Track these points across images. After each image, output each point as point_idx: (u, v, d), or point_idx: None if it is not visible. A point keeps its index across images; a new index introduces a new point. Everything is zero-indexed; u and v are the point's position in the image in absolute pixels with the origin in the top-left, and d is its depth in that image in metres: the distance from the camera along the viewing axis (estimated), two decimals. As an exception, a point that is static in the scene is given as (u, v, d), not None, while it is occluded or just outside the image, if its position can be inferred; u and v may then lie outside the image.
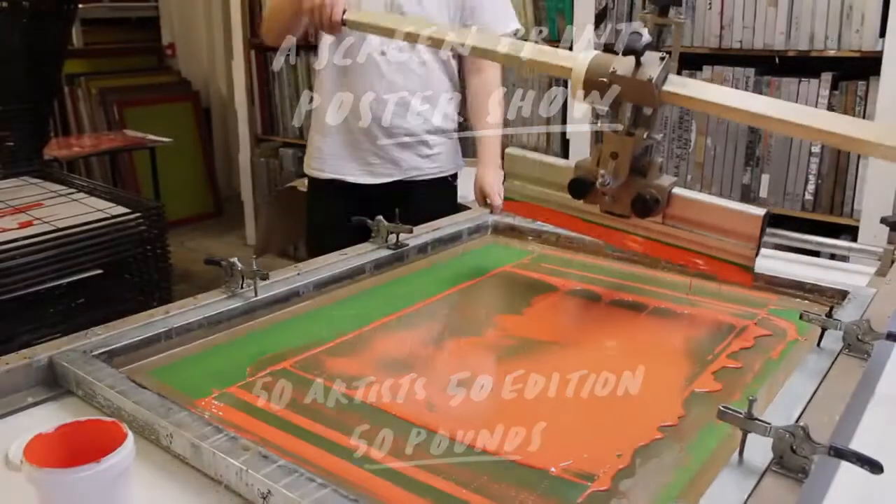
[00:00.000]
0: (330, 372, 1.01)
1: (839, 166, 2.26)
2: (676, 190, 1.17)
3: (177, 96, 4.52)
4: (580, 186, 1.19)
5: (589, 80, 1.13)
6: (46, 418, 0.90)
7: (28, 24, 2.57)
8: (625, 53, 1.09)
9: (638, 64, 1.09)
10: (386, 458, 0.82)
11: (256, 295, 1.17)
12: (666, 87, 1.10)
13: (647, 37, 1.07)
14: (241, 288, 1.18)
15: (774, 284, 1.27)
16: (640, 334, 1.14)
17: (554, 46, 1.61)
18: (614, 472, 0.80)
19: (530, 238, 1.57)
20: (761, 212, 1.09)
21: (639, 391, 0.97)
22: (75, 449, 0.68)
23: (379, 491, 0.76)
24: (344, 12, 1.56)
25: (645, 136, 1.14)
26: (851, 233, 2.27)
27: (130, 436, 0.68)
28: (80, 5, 2.72)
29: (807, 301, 1.24)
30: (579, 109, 2.69)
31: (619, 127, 1.14)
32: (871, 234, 2.15)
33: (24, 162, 2.72)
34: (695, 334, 1.13)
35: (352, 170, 1.86)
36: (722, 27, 2.35)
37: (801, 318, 1.01)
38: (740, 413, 0.75)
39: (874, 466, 0.71)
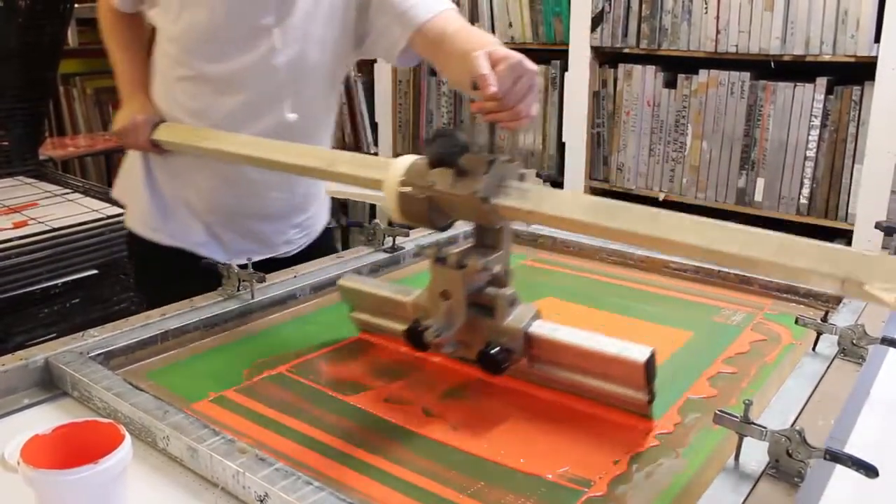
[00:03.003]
0: (326, 376, 1.01)
1: (834, 170, 2.27)
2: (536, 328, 0.92)
3: (172, 97, 4.50)
4: (418, 337, 0.92)
5: (405, 196, 0.91)
6: (43, 420, 0.90)
7: (24, 24, 2.56)
8: (433, 165, 0.89)
9: (460, 173, 0.88)
10: (382, 463, 0.82)
11: (253, 297, 1.17)
12: (499, 200, 0.88)
13: (462, 139, 0.87)
14: (238, 290, 1.18)
15: (769, 289, 1.28)
16: (635, 339, 1.13)
17: (550, 49, 1.60)
18: (611, 478, 0.80)
19: (525, 242, 1.58)
20: (643, 355, 0.86)
21: None
22: (72, 450, 0.68)
23: (375, 495, 0.76)
24: (158, 125, 1.32)
25: (479, 265, 0.90)
26: (846, 237, 2.28)
27: (128, 437, 0.68)
28: (76, 5, 2.71)
29: (801, 305, 1.24)
30: (577, 115, 2.70)
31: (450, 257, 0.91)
32: (866, 238, 2.16)
33: (19, 162, 2.72)
34: (690, 339, 1.13)
35: (195, 245, 1.40)
36: (718, 31, 2.36)
37: (796, 322, 1.01)
38: (736, 417, 0.76)
39: (869, 470, 0.71)
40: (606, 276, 1.39)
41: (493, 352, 0.89)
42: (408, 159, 0.93)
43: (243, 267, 1.18)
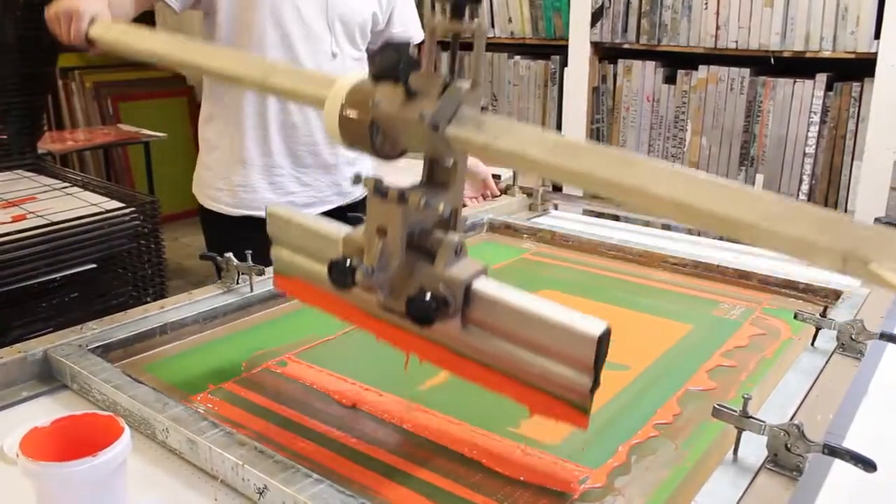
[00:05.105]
0: (326, 367, 1.01)
1: (833, 167, 2.27)
2: (480, 284, 0.79)
3: (171, 91, 4.48)
4: (341, 274, 0.80)
5: (347, 118, 0.80)
6: (41, 412, 0.90)
7: (22, 17, 2.55)
8: (377, 78, 0.77)
9: (409, 95, 0.76)
10: (381, 454, 0.82)
11: (252, 290, 1.17)
12: (450, 129, 0.74)
13: (412, 53, 0.75)
14: (237, 283, 1.18)
15: (768, 283, 1.28)
16: (635, 332, 1.14)
17: (550, 44, 1.60)
18: (610, 469, 0.80)
19: (525, 236, 1.58)
20: (598, 329, 0.73)
21: (634, 389, 0.98)
22: (71, 443, 0.68)
23: (374, 486, 0.76)
24: (93, 23, 1.20)
25: (422, 202, 0.76)
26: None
27: (127, 430, 0.68)
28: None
29: (800, 301, 1.24)
30: (576, 111, 2.70)
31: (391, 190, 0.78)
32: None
33: (18, 155, 2.71)
34: (689, 332, 1.13)
35: (268, 202, 1.53)
36: (718, 27, 2.36)
37: (795, 317, 1.01)
38: (735, 411, 0.76)
39: (868, 465, 0.71)
40: (605, 270, 1.40)
41: (425, 299, 0.77)
42: (355, 76, 0.81)
43: (242, 260, 1.18)
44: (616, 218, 1.84)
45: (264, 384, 0.97)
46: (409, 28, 1.74)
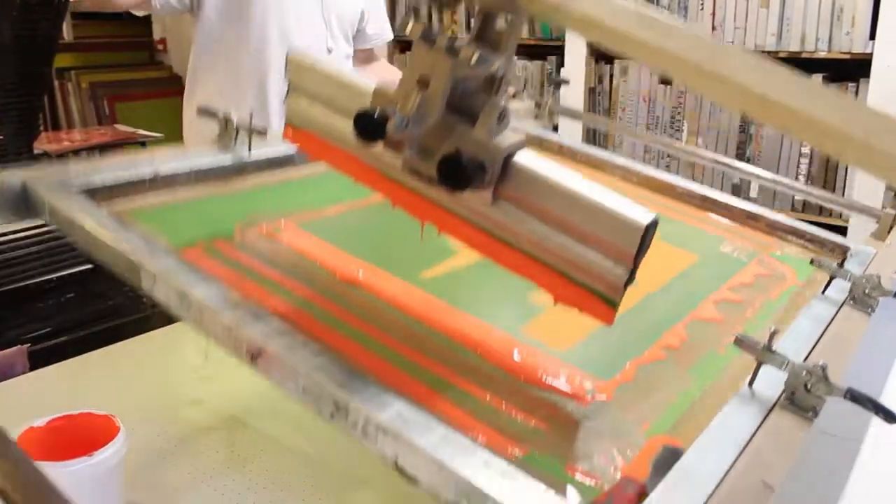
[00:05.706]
0: (324, 238, 0.97)
1: (829, 166, 2.28)
2: (521, 157, 0.71)
3: (168, 91, 4.42)
4: (369, 125, 0.70)
5: None
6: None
7: (18, 17, 2.56)
8: None
9: None
10: (376, 333, 0.77)
11: (250, 152, 1.09)
12: None
13: None
14: (234, 144, 1.08)
15: (775, 228, 1.26)
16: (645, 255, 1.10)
17: (546, 45, 1.58)
18: (617, 384, 0.77)
19: (529, 145, 1.52)
20: (646, 218, 0.67)
21: (641, 309, 0.93)
22: (67, 442, 0.67)
23: (367, 363, 0.71)
24: None
25: (475, 57, 0.67)
26: (841, 233, 2.28)
27: (122, 430, 0.67)
28: (72, -2, 2.72)
29: (806, 251, 1.22)
30: (574, 100, 2.69)
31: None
32: (861, 235, 2.16)
33: (14, 156, 2.70)
34: (696, 263, 1.10)
35: None
36: (714, 27, 2.38)
37: (811, 263, 0.99)
38: (759, 343, 0.73)
39: (889, 416, 0.69)
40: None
41: (461, 160, 0.68)
42: None
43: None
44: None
45: (258, 248, 0.91)
46: (384, 28, 1.97)
